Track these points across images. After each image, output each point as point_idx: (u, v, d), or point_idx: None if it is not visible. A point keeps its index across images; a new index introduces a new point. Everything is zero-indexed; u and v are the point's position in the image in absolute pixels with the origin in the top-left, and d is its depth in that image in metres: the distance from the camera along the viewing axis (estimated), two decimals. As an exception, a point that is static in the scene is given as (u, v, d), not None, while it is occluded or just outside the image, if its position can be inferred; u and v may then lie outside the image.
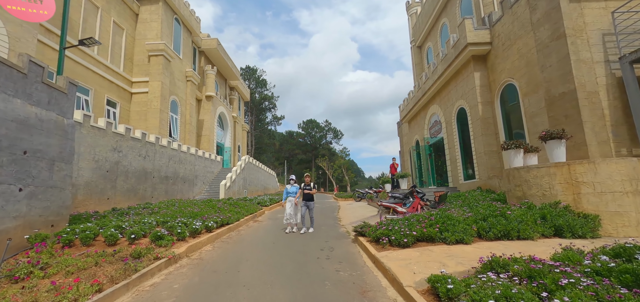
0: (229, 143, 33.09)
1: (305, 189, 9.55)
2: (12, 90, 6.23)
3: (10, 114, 6.12)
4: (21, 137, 6.36)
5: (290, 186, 9.62)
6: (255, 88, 57.64)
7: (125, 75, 19.53)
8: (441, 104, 17.53)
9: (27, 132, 6.54)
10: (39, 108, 6.94)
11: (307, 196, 9.53)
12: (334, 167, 52.18)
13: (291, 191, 9.48)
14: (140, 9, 21.00)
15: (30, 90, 6.71)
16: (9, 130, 6.09)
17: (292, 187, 9.59)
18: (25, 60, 6.58)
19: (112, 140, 12.50)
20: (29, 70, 6.68)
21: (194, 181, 20.30)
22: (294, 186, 9.68)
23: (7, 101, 6.09)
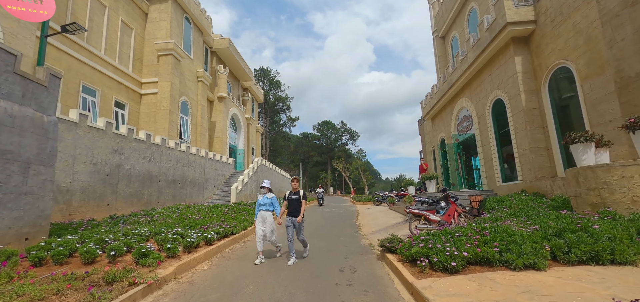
0: (242, 145, 32.28)
1: (292, 196, 6.42)
2: (-29, 80, 5.24)
3: (-33, 107, 5.12)
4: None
5: (261, 196, 6.58)
6: (269, 89, 57.00)
7: (134, 76, 18.93)
8: (472, 97, 15.73)
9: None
10: (9, 102, 5.95)
11: (293, 209, 6.34)
12: (350, 169, 50.57)
13: (263, 203, 6.47)
14: (149, 8, 20.43)
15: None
16: (-34, 127, 5.09)
17: (264, 198, 6.53)
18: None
19: (112, 141, 11.64)
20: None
21: (204, 185, 19.40)
22: (268, 195, 6.58)
23: (-36, 93, 5.10)
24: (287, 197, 6.46)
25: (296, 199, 6.40)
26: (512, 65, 11.61)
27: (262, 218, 6.40)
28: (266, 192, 6.64)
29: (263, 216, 6.42)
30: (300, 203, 6.37)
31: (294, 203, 6.38)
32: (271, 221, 6.47)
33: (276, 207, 6.55)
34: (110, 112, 16.92)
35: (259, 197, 6.62)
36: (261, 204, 6.52)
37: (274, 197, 6.61)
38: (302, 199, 6.39)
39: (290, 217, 6.36)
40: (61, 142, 9.46)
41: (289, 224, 6.32)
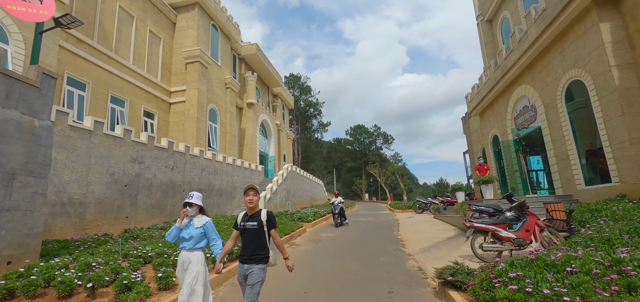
0: (273, 152, 31.57)
1: (248, 224, 3.19)
2: None
3: None
4: (-51, 142, 4.54)
5: (179, 223, 3.38)
6: (300, 95, 56.47)
7: (162, 85, 18.83)
8: (535, 82, 13.10)
9: (-36, 135, 4.72)
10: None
11: (250, 247, 3.14)
12: (386, 174, 47.89)
13: (188, 236, 3.36)
14: (177, 18, 20.41)
15: (-29, 80, 4.93)
16: None
17: (189, 225, 3.41)
18: (-39, 38, 4.82)
19: (131, 150, 11.03)
20: (-31, 52, 4.92)
21: (232, 194, 18.61)
22: (197, 221, 3.45)
23: None
24: (240, 225, 3.22)
25: (254, 228, 3.14)
26: (596, 35, 9.08)
27: (182, 265, 3.33)
28: (195, 214, 3.45)
29: (184, 261, 3.32)
30: (263, 234, 3.16)
31: (251, 236, 3.14)
32: (197, 271, 3.25)
33: (214, 240, 3.45)
34: (139, 122, 16.79)
35: (175, 225, 3.39)
36: (185, 238, 3.34)
37: (208, 224, 3.43)
38: (266, 226, 3.18)
39: (246, 262, 3.12)
40: (74, 151, 8.89)
41: (241, 279, 3.15)
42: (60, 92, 12.70)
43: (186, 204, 3.41)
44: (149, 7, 18.21)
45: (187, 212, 3.40)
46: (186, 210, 3.40)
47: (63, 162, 8.56)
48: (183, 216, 3.37)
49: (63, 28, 6.40)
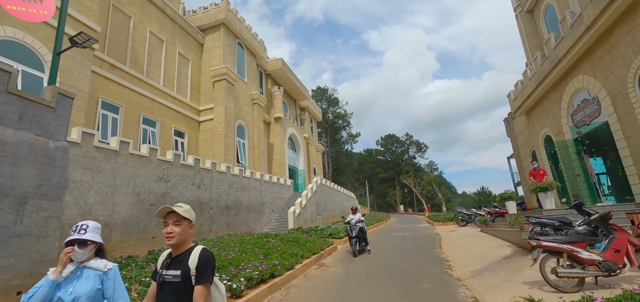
0: (302, 166, 31.14)
1: (167, 275, 1.89)
2: (-57, 102, 4.32)
3: None
4: (-44, 167, 4.37)
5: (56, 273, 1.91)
6: (328, 108, 56.14)
7: (192, 104, 19.22)
8: (596, 71, 11.26)
9: (-27, 160, 4.56)
10: (1, 127, 5.02)
11: None
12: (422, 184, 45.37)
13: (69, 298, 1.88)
14: (204, 39, 20.97)
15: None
16: None
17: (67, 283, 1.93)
18: (-28, 61, 4.73)
19: (157, 169, 10.96)
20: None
21: (261, 209, 18.19)
22: (88, 262, 2.02)
23: None
24: (158, 273, 1.94)
25: (175, 281, 1.84)
26: (683, 4, 7.39)
27: None
28: (88, 258, 2.04)
29: None
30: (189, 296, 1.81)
31: (169, 295, 1.85)
32: None
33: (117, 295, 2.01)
34: (169, 141, 17.13)
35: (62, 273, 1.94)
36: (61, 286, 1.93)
37: (111, 273, 2.04)
38: (194, 278, 1.82)
39: None
40: (100, 172, 8.88)
41: None
42: (95, 116, 13.19)
43: (72, 242, 1.97)
44: (177, 31, 18.86)
45: (71, 254, 1.96)
46: (71, 250, 1.95)
47: (89, 183, 8.54)
48: (64, 262, 1.95)
49: (78, 46, 6.31)
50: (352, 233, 9.82)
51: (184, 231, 1.93)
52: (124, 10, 15.17)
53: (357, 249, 9.70)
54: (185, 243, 1.96)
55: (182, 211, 1.92)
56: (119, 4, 14.91)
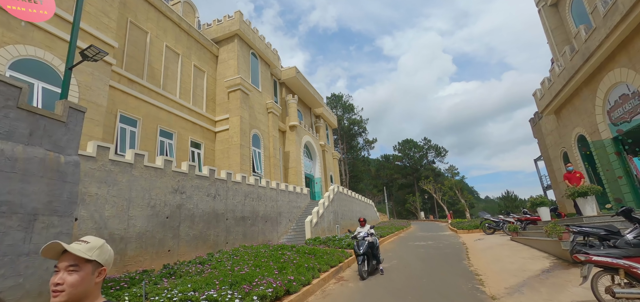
0: (318, 173, 30.76)
1: None
2: (-48, 119, 4.28)
3: (-59, 152, 4.10)
4: (-36, 185, 4.30)
5: None
6: (343, 114, 55.71)
7: (208, 115, 19.38)
8: (635, 63, 10.28)
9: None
10: (10, 142, 4.97)
11: None
12: (443, 189, 43.80)
13: None
14: (219, 51, 21.23)
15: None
16: (-61, 176, 4.04)
17: None
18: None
19: (172, 180, 10.90)
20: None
21: (278, 219, 17.90)
22: None
23: (-61, 134, 4.11)
24: None
25: None
26: None
27: None
28: None
29: None
30: None
31: None
32: None
33: None
34: (186, 153, 17.25)
35: None
36: None
37: None
38: None
39: None
40: (115, 185, 8.87)
41: None
42: (114, 130, 13.42)
43: None
44: (193, 44, 19.16)
45: None
46: None
47: (104, 197, 8.53)
48: None
49: (89, 60, 6.27)
50: (359, 250, 8.07)
51: (84, 281, 1.21)
52: (141, 26, 15.53)
53: (365, 270, 7.95)
54: (86, 300, 1.24)
55: (81, 250, 1.24)
56: (136, 21, 15.29)
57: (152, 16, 16.42)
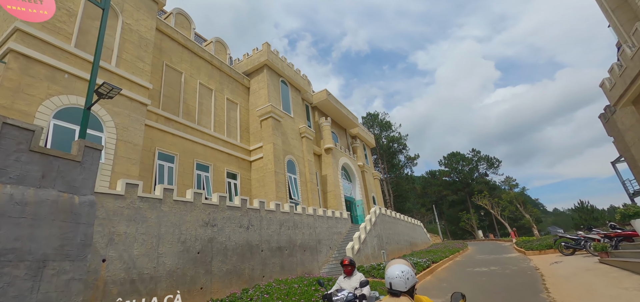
0: (359, 196, 29.34)
1: None
2: (-39, 167, 4.21)
3: (-55, 201, 3.99)
4: (-32, 234, 4.13)
5: None
6: (381, 133, 53.92)
7: (242, 145, 19.56)
8: None
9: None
10: (21, 187, 4.84)
11: None
12: (501, 204, 39.18)
13: None
14: (250, 82, 21.73)
15: (3, 164, 4.72)
16: (-58, 227, 3.90)
17: None
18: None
19: (202, 213, 10.64)
20: (2, 136, 4.74)
21: (317, 247, 16.88)
22: None
23: (-55, 183, 4.02)
24: None
25: None
26: None
27: None
28: None
29: None
30: None
31: None
32: None
33: None
34: (223, 184, 17.33)
35: None
36: None
37: None
38: None
39: None
40: (144, 223, 8.74)
41: None
42: (153, 167, 13.86)
43: None
44: (225, 79, 19.82)
45: None
46: None
47: (133, 235, 8.40)
48: None
49: (104, 98, 6.24)
50: None
51: None
52: (176, 67, 16.39)
53: None
54: None
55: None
56: (171, 63, 16.17)
57: (186, 57, 17.31)
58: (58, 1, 10.73)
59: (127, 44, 12.81)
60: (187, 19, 19.06)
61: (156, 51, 15.46)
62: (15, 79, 9.12)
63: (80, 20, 11.44)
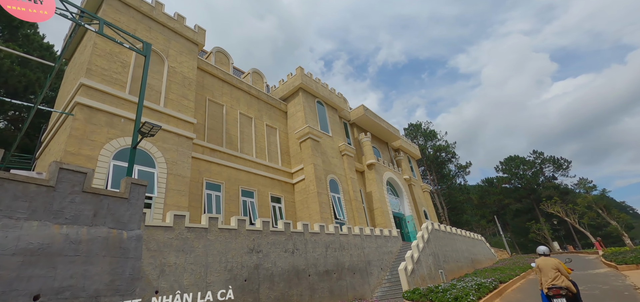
0: (408, 211, 27.69)
1: None
2: (24, 212, 4.60)
3: (10, 245, 4.32)
4: (29, 275, 4.41)
5: None
6: (425, 143, 51.18)
7: (284, 168, 19.77)
8: None
9: (46, 263, 4.60)
10: (75, 226, 5.14)
11: None
12: (577, 210, 34.03)
13: None
14: (287, 106, 22.20)
15: (59, 206, 5.05)
16: (7, 269, 4.21)
17: None
18: (52, 169, 5.10)
19: (247, 240, 10.65)
20: (59, 180, 5.14)
21: (367, 269, 15.97)
22: None
23: (10, 229, 4.39)
24: None
25: None
26: None
27: None
28: None
29: None
30: None
31: None
32: None
33: None
34: (268, 209, 17.51)
35: None
36: None
37: None
38: None
39: None
40: (192, 252, 8.94)
41: None
42: (201, 197, 14.49)
43: None
44: (263, 106, 20.50)
45: None
46: None
47: (182, 266, 8.60)
48: None
49: (146, 136, 6.58)
50: None
51: None
52: (217, 100, 17.36)
53: None
54: None
55: None
56: (213, 97, 17.18)
57: (226, 90, 18.30)
58: (113, 55, 12.08)
59: (172, 84, 13.88)
60: (225, 56, 20.32)
61: (199, 88, 16.57)
62: (81, 128, 10.26)
63: (133, 70, 12.70)
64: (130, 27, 13.55)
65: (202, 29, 17.39)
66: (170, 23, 15.59)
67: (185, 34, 16.11)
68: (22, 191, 4.81)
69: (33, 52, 19.32)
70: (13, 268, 4.46)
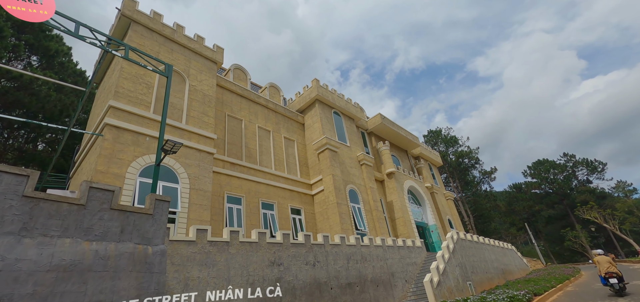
0: (432, 220, 26.83)
1: None
2: (57, 230, 4.83)
3: (44, 261, 4.54)
4: (62, 290, 4.59)
5: None
6: (446, 149, 49.75)
7: (303, 180, 19.80)
8: None
9: (78, 279, 4.79)
10: (104, 243, 5.33)
11: None
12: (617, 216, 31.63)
13: None
14: (304, 118, 22.37)
15: (89, 223, 5.27)
16: (42, 285, 4.41)
17: None
18: (83, 188, 5.35)
19: (268, 253, 10.65)
20: (89, 199, 5.37)
21: (391, 281, 15.49)
22: None
23: (45, 246, 4.61)
24: None
25: None
26: None
27: None
28: None
29: None
30: None
31: None
32: None
33: None
34: (288, 220, 17.52)
35: None
36: None
37: None
38: None
39: None
40: (214, 266, 9.04)
41: None
42: (223, 211, 14.73)
43: None
44: (280, 119, 20.77)
45: None
46: None
47: (205, 279, 8.70)
48: None
49: (168, 154, 6.79)
50: None
51: None
52: (236, 115, 17.77)
53: None
54: None
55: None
56: (232, 113, 17.62)
57: (244, 106, 18.72)
58: (139, 77, 12.71)
59: (193, 102, 14.38)
60: (243, 72, 20.88)
61: (218, 104, 17.05)
62: (109, 148, 10.79)
63: (157, 90, 13.28)
64: (153, 50, 14.26)
65: (221, 47, 18.02)
66: (191, 44, 16.27)
67: (204, 54, 16.74)
68: (55, 210, 5.08)
69: (67, 78, 20.73)
70: (48, 284, 4.69)
